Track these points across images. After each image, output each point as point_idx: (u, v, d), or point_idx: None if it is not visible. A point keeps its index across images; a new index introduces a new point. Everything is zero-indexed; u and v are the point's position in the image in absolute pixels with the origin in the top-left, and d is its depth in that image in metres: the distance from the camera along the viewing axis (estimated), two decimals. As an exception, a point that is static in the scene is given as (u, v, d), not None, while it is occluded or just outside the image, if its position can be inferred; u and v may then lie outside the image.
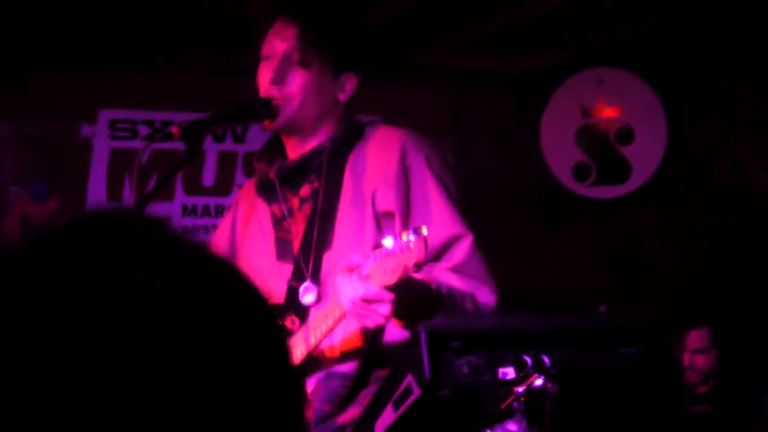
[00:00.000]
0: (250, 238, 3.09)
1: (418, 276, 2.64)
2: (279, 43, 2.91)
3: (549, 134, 6.15)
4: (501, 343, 2.26)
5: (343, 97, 2.96)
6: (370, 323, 2.56)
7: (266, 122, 2.90)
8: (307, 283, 2.83)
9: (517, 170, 6.20)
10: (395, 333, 2.71)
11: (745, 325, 5.35)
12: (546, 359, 2.27)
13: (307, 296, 2.83)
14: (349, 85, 2.96)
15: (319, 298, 2.83)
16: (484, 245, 2.94)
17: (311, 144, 2.95)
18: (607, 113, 6.06)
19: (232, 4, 4.90)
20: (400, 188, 2.81)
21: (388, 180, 2.82)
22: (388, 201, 2.79)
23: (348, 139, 2.95)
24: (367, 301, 2.50)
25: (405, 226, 2.76)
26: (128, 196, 5.28)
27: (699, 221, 5.86)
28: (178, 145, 3.44)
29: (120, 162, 5.29)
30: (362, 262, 2.54)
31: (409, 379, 2.24)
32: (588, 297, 5.86)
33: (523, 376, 2.25)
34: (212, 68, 5.45)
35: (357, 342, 2.78)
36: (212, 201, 5.51)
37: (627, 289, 5.97)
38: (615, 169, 6.06)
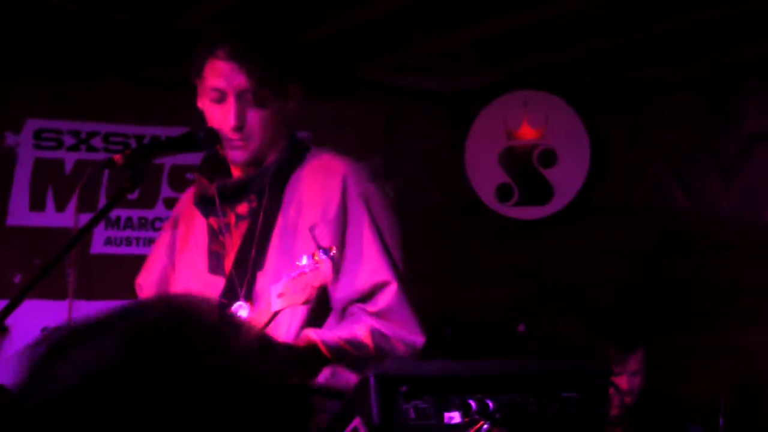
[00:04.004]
0: (186, 249, 3.09)
1: (308, 338, 2.71)
2: (228, 84, 2.88)
3: (474, 154, 6.20)
4: (448, 388, 2.28)
5: (291, 107, 2.98)
6: None
7: (231, 159, 2.91)
8: (240, 302, 2.84)
9: (445, 189, 6.24)
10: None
11: (660, 351, 5.44)
12: (491, 404, 2.30)
13: (240, 314, 2.84)
14: (294, 96, 2.98)
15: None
16: (409, 262, 2.98)
17: (256, 165, 2.96)
18: (531, 135, 6.13)
19: (163, 17, 4.87)
20: (337, 227, 2.85)
21: (327, 217, 2.85)
22: (325, 238, 2.81)
23: (289, 162, 2.97)
24: None
25: (338, 264, 2.79)
26: (51, 206, 5.22)
27: (620, 244, 5.95)
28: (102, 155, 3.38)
29: (44, 172, 5.23)
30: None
31: (357, 422, 2.25)
32: (509, 316, 5.92)
33: (469, 421, 2.28)
34: (140, 80, 5.41)
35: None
36: (135, 213, 5.46)
37: (548, 309, 6.04)
38: (537, 190, 6.13)
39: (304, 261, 2.52)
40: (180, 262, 3.10)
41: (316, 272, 2.49)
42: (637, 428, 4.81)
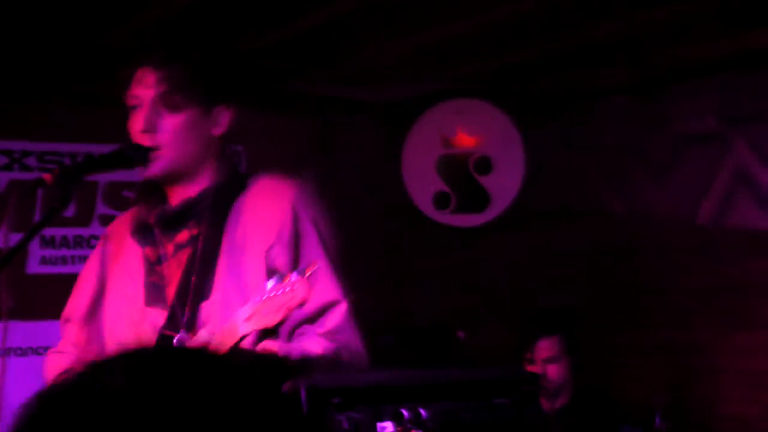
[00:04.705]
0: (118, 279, 3.05)
1: (269, 346, 2.71)
2: (143, 90, 2.89)
3: (411, 163, 6.22)
4: (380, 398, 2.30)
5: (217, 131, 2.96)
6: None
7: (145, 173, 2.89)
8: (181, 334, 2.82)
9: (382, 198, 6.26)
10: None
11: (597, 351, 5.49)
12: (423, 412, 2.32)
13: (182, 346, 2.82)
14: (223, 119, 2.96)
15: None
16: (347, 272, 3.00)
17: (193, 189, 2.95)
18: (467, 143, 6.16)
19: (95, 34, 4.85)
20: (291, 249, 2.86)
21: (282, 239, 2.86)
22: (281, 260, 2.83)
23: (230, 187, 2.96)
24: None
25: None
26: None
27: (556, 249, 6.00)
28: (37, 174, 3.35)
29: (-23, 192, 5.19)
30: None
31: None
32: (448, 323, 5.95)
33: (402, 430, 2.30)
34: (72, 98, 5.38)
35: None
36: (71, 232, 5.43)
37: (487, 315, 6.07)
38: (474, 198, 6.16)
39: (271, 284, 2.53)
40: (111, 292, 3.06)
41: (292, 293, 2.50)
42: (571, 429, 4.84)
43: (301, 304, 2.56)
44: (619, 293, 5.73)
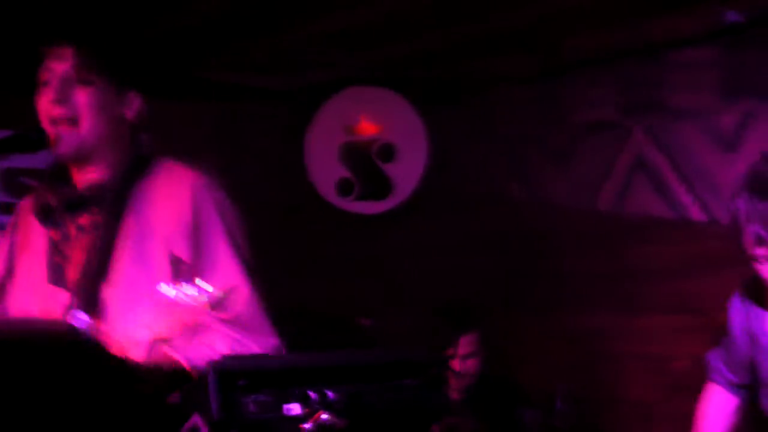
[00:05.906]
0: (25, 258, 3.04)
1: (170, 357, 2.70)
2: (56, 65, 2.90)
3: (314, 151, 6.23)
4: (288, 380, 2.31)
5: (130, 114, 2.96)
6: None
7: (58, 150, 2.87)
8: (76, 312, 2.81)
9: (286, 186, 6.25)
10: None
11: (500, 337, 5.55)
12: (331, 394, 2.33)
13: (78, 323, 2.81)
14: (134, 103, 2.97)
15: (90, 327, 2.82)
16: (252, 260, 3.01)
17: (97, 173, 2.94)
18: (370, 131, 6.18)
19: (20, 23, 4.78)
20: (191, 237, 2.85)
21: (181, 227, 2.85)
22: (180, 248, 2.82)
23: (133, 172, 2.95)
24: None
25: (192, 273, 2.77)
26: None
27: (460, 237, 6.05)
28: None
29: None
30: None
31: (196, 418, 2.26)
32: (353, 311, 5.96)
33: (309, 412, 2.30)
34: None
35: None
36: (-31, 219, 5.33)
37: (390, 303, 6.09)
38: (376, 185, 6.19)
39: (172, 292, 2.51)
40: (19, 271, 3.05)
41: (192, 310, 2.49)
42: (474, 414, 4.89)
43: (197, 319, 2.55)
44: (522, 279, 5.79)
